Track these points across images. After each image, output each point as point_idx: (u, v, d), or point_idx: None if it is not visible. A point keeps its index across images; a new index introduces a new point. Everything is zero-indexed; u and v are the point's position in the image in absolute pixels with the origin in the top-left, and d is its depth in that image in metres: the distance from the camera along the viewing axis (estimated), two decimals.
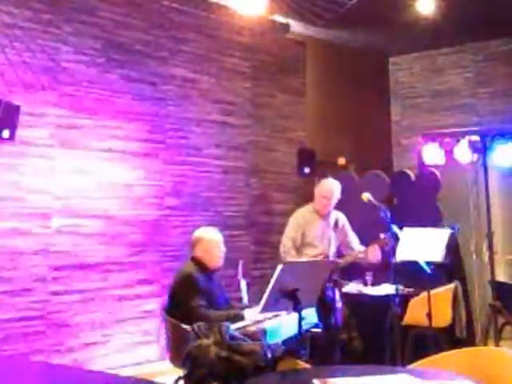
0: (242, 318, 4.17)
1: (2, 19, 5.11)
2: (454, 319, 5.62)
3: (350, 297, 5.65)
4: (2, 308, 4.99)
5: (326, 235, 5.36)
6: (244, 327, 4.04)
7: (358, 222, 5.66)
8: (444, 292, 5.46)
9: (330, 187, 5.38)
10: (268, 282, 3.48)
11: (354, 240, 5.46)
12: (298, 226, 5.33)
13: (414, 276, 4.88)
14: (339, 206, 5.65)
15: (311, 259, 5.11)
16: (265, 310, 3.60)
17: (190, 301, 4.15)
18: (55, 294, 5.32)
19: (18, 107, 4.94)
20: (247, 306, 4.47)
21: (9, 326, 5.01)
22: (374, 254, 5.19)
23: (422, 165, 6.67)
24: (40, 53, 5.33)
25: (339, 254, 5.47)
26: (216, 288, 4.43)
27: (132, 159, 5.94)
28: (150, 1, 6.17)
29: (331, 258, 5.25)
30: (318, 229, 5.33)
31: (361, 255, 5.32)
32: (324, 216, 5.38)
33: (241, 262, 5.04)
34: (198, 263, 4.39)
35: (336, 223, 5.42)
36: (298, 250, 5.29)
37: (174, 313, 4.22)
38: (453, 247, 5.64)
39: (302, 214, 5.42)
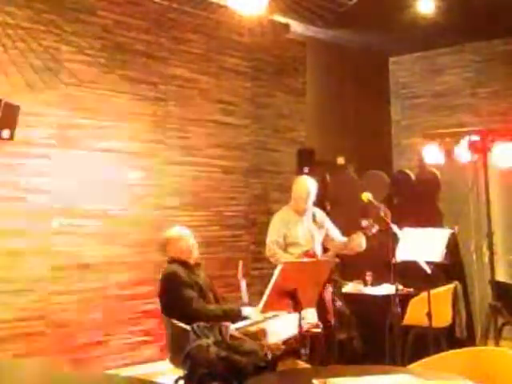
0: (238, 313, 4.17)
1: (4, 19, 5.11)
2: (453, 319, 5.63)
3: (350, 297, 5.65)
4: (2, 308, 4.99)
5: (309, 232, 5.36)
6: (244, 327, 4.04)
7: (357, 222, 5.65)
8: (444, 292, 5.46)
9: (305, 186, 5.37)
10: (268, 282, 3.48)
11: (334, 232, 5.44)
12: (279, 229, 5.34)
13: (414, 276, 4.88)
14: (339, 206, 5.66)
15: (310, 259, 5.11)
16: (265, 309, 3.60)
17: (180, 296, 4.14)
18: (55, 293, 5.32)
19: (17, 107, 4.94)
20: (245, 305, 4.48)
21: (9, 326, 5.01)
22: (358, 242, 5.12)
23: (422, 165, 6.67)
24: (40, 53, 5.33)
25: (324, 250, 5.45)
26: (203, 282, 4.41)
27: (132, 159, 5.94)
28: (150, 1, 6.17)
29: (318, 255, 5.25)
30: (299, 227, 5.34)
31: (344, 246, 5.25)
32: (302, 214, 5.39)
33: (241, 262, 5.04)
34: (177, 261, 4.40)
35: (314, 219, 5.42)
36: (284, 250, 5.31)
37: (170, 313, 4.22)
38: (453, 247, 5.64)
39: (281, 216, 5.44)
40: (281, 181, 7.28)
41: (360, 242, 5.08)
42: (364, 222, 4.97)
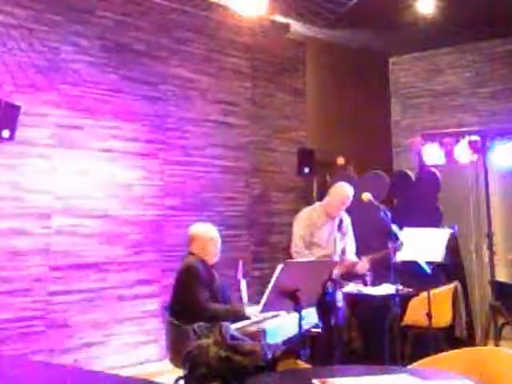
0: (242, 314, 4.17)
1: (6, 19, 5.11)
2: (454, 319, 5.62)
3: (350, 297, 5.64)
4: (2, 308, 4.99)
5: (332, 237, 5.36)
6: (244, 327, 4.04)
7: (357, 222, 5.65)
8: (444, 292, 5.45)
9: (346, 194, 5.37)
10: (268, 282, 3.48)
11: (348, 248, 5.46)
12: (307, 225, 5.33)
13: (414, 276, 4.88)
14: None
15: (311, 259, 5.11)
16: (265, 309, 3.60)
17: (192, 292, 4.15)
18: (55, 294, 5.32)
19: (18, 107, 4.94)
20: (247, 305, 4.48)
21: (9, 326, 5.01)
22: (363, 267, 5.27)
23: (422, 165, 6.66)
24: (40, 53, 5.33)
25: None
26: (217, 282, 4.42)
27: (132, 159, 5.95)
28: (150, 1, 6.17)
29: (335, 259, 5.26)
30: (325, 230, 5.34)
31: (351, 265, 5.35)
32: (332, 218, 5.39)
33: (241, 262, 5.04)
34: (198, 257, 4.40)
35: (340, 224, 5.43)
36: (307, 248, 5.30)
37: (176, 307, 4.22)
38: (453, 247, 5.63)
39: (310, 213, 5.42)
40: (281, 181, 7.28)
41: (365, 266, 5.28)
42: (390, 244, 4.99)
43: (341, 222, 5.44)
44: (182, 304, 4.17)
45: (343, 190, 5.39)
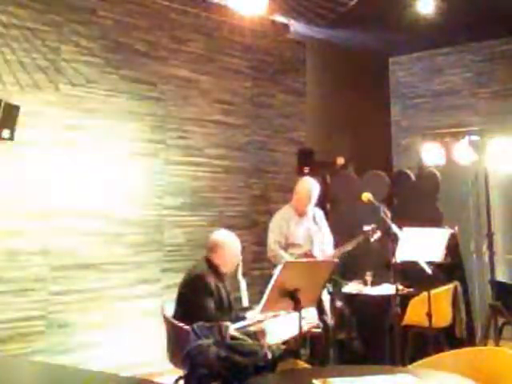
0: (243, 319, 4.17)
1: (9, 20, 5.12)
2: (454, 319, 5.62)
3: (350, 297, 5.65)
4: (2, 308, 4.99)
5: (308, 233, 5.39)
6: (244, 327, 4.04)
7: (357, 222, 5.65)
8: (444, 292, 5.46)
9: (308, 188, 5.40)
10: (268, 282, 3.48)
11: (326, 240, 5.46)
12: (280, 229, 5.38)
13: (414, 276, 4.88)
14: (340, 207, 5.65)
15: (311, 259, 5.12)
16: (265, 309, 3.60)
17: (198, 302, 4.14)
18: (55, 293, 5.32)
19: (17, 107, 4.94)
20: (247, 308, 4.47)
21: (9, 326, 5.01)
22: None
23: (421, 165, 6.67)
24: (40, 53, 5.33)
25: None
26: (225, 290, 4.41)
27: (132, 159, 5.94)
28: (150, 1, 6.17)
29: (317, 256, 5.27)
30: (299, 228, 5.37)
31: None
32: (303, 215, 5.41)
33: (241, 262, 5.04)
34: (212, 265, 4.37)
35: (314, 219, 5.44)
36: (284, 250, 5.33)
37: (179, 312, 4.21)
38: (453, 247, 5.63)
39: (282, 215, 5.47)
40: (281, 181, 7.28)
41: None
42: (366, 227, 4.99)
43: (314, 217, 5.45)
44: (187, 311, 4.15)
45: (307, 184, 5.44)
